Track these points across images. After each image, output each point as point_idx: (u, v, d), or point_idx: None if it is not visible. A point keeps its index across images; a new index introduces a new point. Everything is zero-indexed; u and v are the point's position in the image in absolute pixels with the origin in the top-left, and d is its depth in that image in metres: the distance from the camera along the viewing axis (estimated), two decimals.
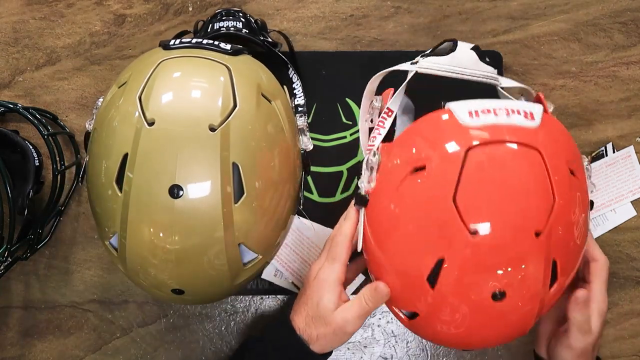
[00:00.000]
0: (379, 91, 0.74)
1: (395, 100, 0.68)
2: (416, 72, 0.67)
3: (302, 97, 0.86)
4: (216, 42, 0.69)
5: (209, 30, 0.82)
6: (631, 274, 0.87)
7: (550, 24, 0.91)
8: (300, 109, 0.85)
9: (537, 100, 0.66)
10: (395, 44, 0.91)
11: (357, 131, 0.89)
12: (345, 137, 0.88)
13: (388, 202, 0.61)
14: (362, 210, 0.64)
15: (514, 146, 0.56)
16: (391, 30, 0.91)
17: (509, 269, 0.56)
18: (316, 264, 0.67)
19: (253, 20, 0.85)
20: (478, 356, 0.86)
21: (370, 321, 0.86)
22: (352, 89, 0.89)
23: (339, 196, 0.87)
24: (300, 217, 0.85)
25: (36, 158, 0.84)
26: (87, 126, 0.70)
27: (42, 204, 0.84)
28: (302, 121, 0.74)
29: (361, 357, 0.86)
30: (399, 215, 0.60)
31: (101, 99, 0.70)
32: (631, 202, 0.87)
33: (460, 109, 0.58)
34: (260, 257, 0.68)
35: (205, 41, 0.69)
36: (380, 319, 0.86)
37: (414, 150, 0.60)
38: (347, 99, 0.89)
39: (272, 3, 0.92)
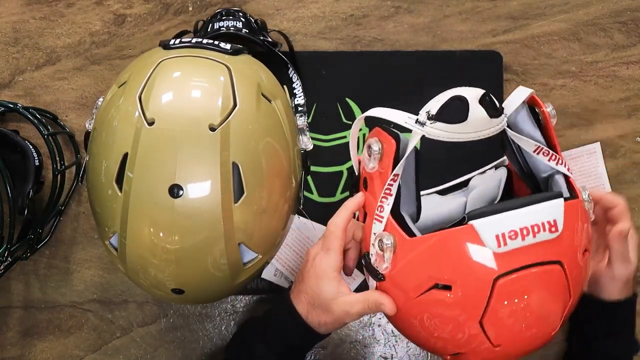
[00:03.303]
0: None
1: (401, 165, 0.61)
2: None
3: (302, 97, 0.86)
4: (216, 42, 0.69)
5: (209, 30, 0.82)
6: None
7: (550, 24, 0.91)
8: (300, 109, 0.85)
9: (532, 102, 0.66)
10: (395, 44, 0.91)
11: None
12: (345, 137, 0.88)
13: (404, 302, 0.61)
14: (373, 282, 0.64)
15: (538, 268, 0.57)
16: (391, 30, 0.91)
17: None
18: (313, 248, 0.67)
19: (253, 20, 0.85)
20: None
21: (370, 321, 0.86)
22: (352, 89, 0.89)
23: (339, 196, 0.87)
24: (300, 217, 0.85)
25: (36, 158, 0.84)
26: (87, 126, 0.70)
27: (42, 204, 0.84)
28: (302, 121, 0.74)
29: (361, 357, 0.86)
30: (416, 316, 0.60)
31: (101, 99, 0.70)
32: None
33: (487, 233, 0.56)
34: (260, 257, 0.68)
35: (205, 41, 0.69)
36: (380, 318, 0.86)
37: (436, 267, 0.59)
38: (347, 99, 0.89)
39: (272, 3, 0.92)
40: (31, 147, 0.85)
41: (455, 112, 0.58)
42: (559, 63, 0.90)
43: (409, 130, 0.60)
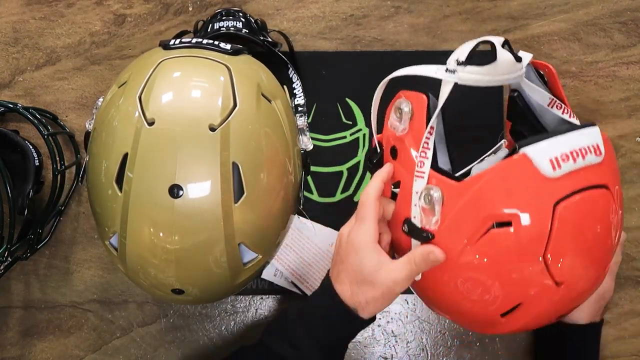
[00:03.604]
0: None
1: (436, 116, 0.61)
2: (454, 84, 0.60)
3: (302, 97, 0.86)
4: (216, 42, 0.69)
5: (209, 30, 0.82)
6: (631, 274, 0.87)
7: (550, 24, 0.91)
8: (300, 109, 0.85)
9: (534, 65, 0.67)
10: (395, 44, 0.91)
11: (358, 131, 0.89)
12: (345, 137, 0.88)
13: (460, 253, 0.58)
14: (417, 244, 0.60)
15: (592, 191, 0.58)
16: (391, 30, 0.91)
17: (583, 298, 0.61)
18: (345, 227, 0.64)
19: (253, 20, 0.85)
20: (478, 356, 0.86)
21: None
22: (352, 89, 0.89)
23: (339, 196, 0.87)
24: (300, 217, 0.85)
25: (36, 158, 0.84)
26: (87, 126, 0.70)
27: (42, 204, 0.84)
28: (302, 121, 0.74)
29: (361, 357, 0.86)
30: (477, 266, 0.58)
31: (101, 99, 0.70)
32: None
33: (541, 158, 0.56)
34: (260, 257, 0.68)
35: (205, 41, 0.69)
36: (380, 319, 0.86)
37: (494, 204, 0.57)
38: (347, 99, 0.89)
39: (272, 3, 0.92)
40: (31, 147, 0.85)
41: (482, 58, 0.59)
42: (559, 63, 0.90)
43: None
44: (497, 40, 0.60)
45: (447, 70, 0.59)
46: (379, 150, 0.67)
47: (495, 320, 0.60)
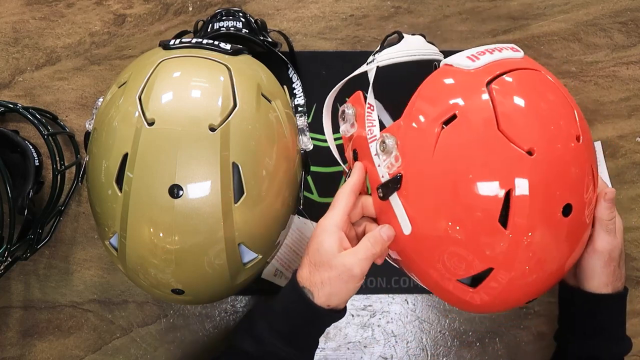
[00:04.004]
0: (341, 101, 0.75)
1: (370, 95, 0.68)
2: (377, 68, 0.68)
3: (302, 97, 0.86)
4: (216, 42, 0.69)
5: (209, 30, 0.82)
6: (631, 274, 0.87)
7: (550, 24, 0.91)
8: (300, 109, 0.85)
9: None
10: None
11: None
12: None
13: (427, 166, 0.60)
14: (395, 196, 0.62)
15: (523, 71, 0.61)
16: (391, 30, 0.90)
17: (568, 179, 0.58)
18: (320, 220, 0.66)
19: (253, 20, 0.85)
20: (478, 356, 0.86)
21: (370, 321, 0.86)
22: (352, 89, 0.89)
23: None
24: (300, 217, 0.85)
25: (36, 158, 0.84)
26: (87, 126, 0.70)
27: (42, 204, 0.84)
28: (302, 121, 0.74)
29: (361, 357, 0.86)
30: (448, 170, 0.59)
31: (101, 99, 0.70)
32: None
33: (459, 59, 0.62)
34: (260, 257, 0.68)
35: (205, 41, 0.69)
36: (380, 319, 0.86)
37: (434, 105, 0.61)
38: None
39: (272, 3, 0.92)
40: (31, 147, 0.85)
41: (397, 42, 0.69)
42: (559, 63, 0.90)
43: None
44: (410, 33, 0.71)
45: (367, 63, 0.69)
46: (343, 165, 0.74)
47: (498, 231, 0.58)
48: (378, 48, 0.71)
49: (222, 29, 0.82)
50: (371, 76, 0.67)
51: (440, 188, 0.59)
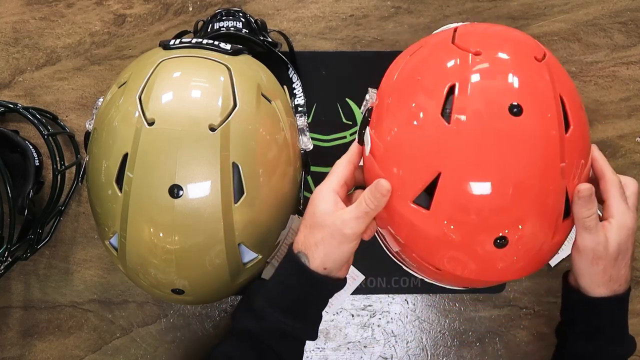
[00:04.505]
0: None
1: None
2: None
3: (302, 97, 0.86)
4: (216, 42, 0.69)
5: (209, 30, 0.82)
6: (631, 274, 0.87)
7: (550, 24, 0.91)
8: (300, 109, 0.85)
9: None
10: (395, 44, 0.91)
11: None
12: (345, 137, 0.89)
13: (388, 89, 0.64)
14: (367, 129, 0.65)
15: (500, 25, 0.67)
16: (391, 30, 0.91)
17: (518, 83, 0.57)
18: None
19: (253, 20, 0.85)
20: (478, 356, 0.86)
21: (370, 321, 0.86)
22: (352, 89, 0.89)
23: None
24: (300, 217, 0.85)
25: (36, 158, 0.84)
26: (87, 126, 0.70)
27: (42, 204, 0.84)
28: (302, 121, 0.74)
29: (361, 357, 0.86)
30: (403, 86, 0.62)
31: (101, 99, 0.70)
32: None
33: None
34: (260, 257, 0.68)
35: (205, 41, 0.69)
36: (380, 319, 0.86)
37: (412, 49, 0.66)
38: (347, 99, 0.89)
39: (272, 3, 0.92)
40: (31, 147, 0.85)
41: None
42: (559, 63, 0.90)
43: None
44: None
45: None
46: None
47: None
48: None
49: (222, 29, 0.82)
50: None
51: (395, 104, 0.62)
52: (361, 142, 0.66)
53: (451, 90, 0.57)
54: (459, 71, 0.58)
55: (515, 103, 0.55)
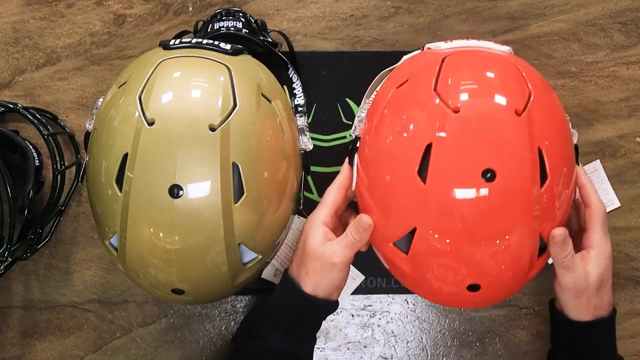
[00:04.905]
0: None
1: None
2: None
3: (302, 97, 0.86)
4: (216, 42, 0.69)
5: (209, 30, 0.82)
6: (631, 274, 0.87)
7: (550, 24, 0.91)
8: (300, 109, 0.85)
9: None
10: (395, 44, 0.91)
11: None
12: (345, 137, 0.89)
13: (374, 123, 0.64)
14: (356, 157, 0.67)
15: (483, 51, 0.65)
16: (391, 30, 0.91)
17: (494, 144, 0.58)
18: None
19: (253, 20, 0.85)
20: (478, 356, 0.86)
21: (370, 321, 0.86)
22: (352, 89, 0.89)
23: None
24: (300, 217, 0.85)
25: (36, 158, 0.84)
26: (87, 126, 0.70)
27: (42, 204, 0.84)
28: (302, 121, 0.74)
29: (361, 357, 0.86)
30: (386, 125, 0.63)
31: (101, 99, 0.70)
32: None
33: (436, 43, 0.67)
34: (260, 257, 0.68)
35: (205, 41, 0.69)
36: (380, 319, 0.86)
37: (397, 76, 0.66)
38: (347, 99, 0.89)
39: (272, 3, 0.92)
40: (31, 147, 0.85)
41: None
42: (559, 63, 0.90)
43: None
44: None
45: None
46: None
47: (416, 184, 0.59)
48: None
49: (222, 29, 0.82)
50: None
51: (377, 143, 0.63)
52: (352, 163, 0.68)
53: (428, 148, 0.58)
54: (436, 130, 0.58)
55: (489, 168, 0.57)
